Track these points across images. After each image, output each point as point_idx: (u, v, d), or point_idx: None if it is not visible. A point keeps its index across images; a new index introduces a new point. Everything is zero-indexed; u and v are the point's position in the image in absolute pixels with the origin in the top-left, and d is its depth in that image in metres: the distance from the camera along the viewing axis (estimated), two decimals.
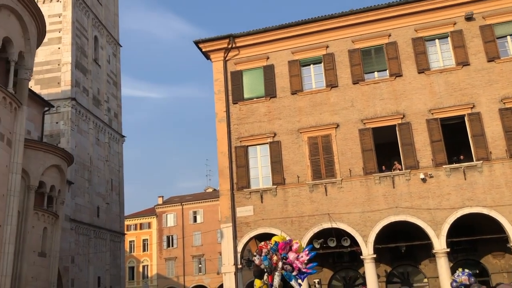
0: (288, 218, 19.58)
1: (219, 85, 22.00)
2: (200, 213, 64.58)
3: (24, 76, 19.91)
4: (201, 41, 22.35)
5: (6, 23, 18.18)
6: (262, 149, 20.78)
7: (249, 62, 21.99)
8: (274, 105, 21.09)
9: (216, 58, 22.42)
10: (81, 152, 33.39)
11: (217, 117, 21.67)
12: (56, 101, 32.12)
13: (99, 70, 38.50)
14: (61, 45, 34.03)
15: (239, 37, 21.97)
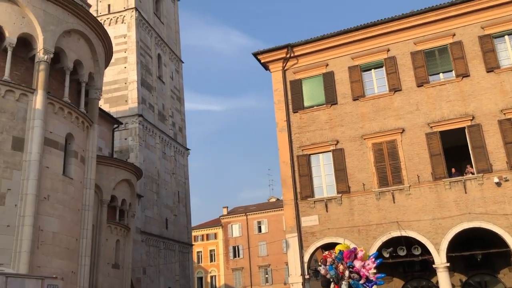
0: (355, 227, 19.17)
1: (278, 95, 22.06)
2: (264, 223, 64.77)
3: (94, 96, 21.00)
4: (260, 53, 22.56)
5: (76, 46, 19.30)
6: (325, 157, 20.54)
7: (308, 70, 21.90)
8: (335, 112, 20.83)
9: (275, 68, 22.53)
10: (149, 166, 34.60)
11: (277, 126, 21.71)
12: (124, 118, 33.59)
13: (163, 87, 39.87)
14: (127, 65, 35.60)
15: (297, 46, 21.95)
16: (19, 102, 16.68)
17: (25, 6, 17.27)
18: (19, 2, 17.18)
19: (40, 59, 17.40)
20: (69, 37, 18.88)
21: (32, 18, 17.39)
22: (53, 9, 18.17)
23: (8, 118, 16.32)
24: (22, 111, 16.70)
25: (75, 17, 19.06)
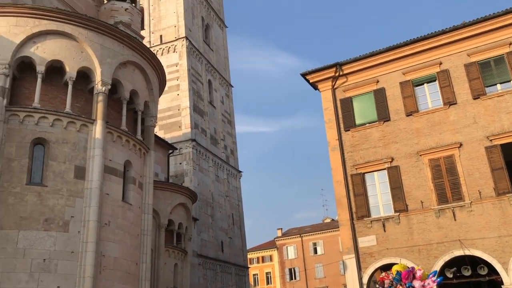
0: (414, 247, 18.55)
1: (329, 114, 21.97)
2: (320, 244, 63.81)
3: (150, 124, 21.72)
4: (308, 73, 22.64)
5: (132, 77, 20.12)
6: (380, 176, 20.13)
7: (358, 87, 21.72)
8: (388, 128, 20.46)
9: (324, 87, 22.50)
10: (203, 190, 35.17)
11: (329, 145, 21.56)
12: (178, 143, 34.48)
13: (214, 111, 40.68)
14: (180, 92, 36.69)
15: (345, 65, 21.87)
16: (80, 133, 17.51)
17: (83, 41, 18.24)
18: (78, 38, 18.18)
19: (99, 90, 18.25)
20: (125, 68, 19.72)
21: (90, 52, 18.33)
22: (110, 42, 19.09)
23: (70, 148, 17.14)
24: (83, 141, 17.50)
25: (130, 49, 19.92)
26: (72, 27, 18.10)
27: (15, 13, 17.56)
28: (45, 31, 17.66)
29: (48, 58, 17.50)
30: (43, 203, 16.04)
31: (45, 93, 17.56)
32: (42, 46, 17.56)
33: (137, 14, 25.84)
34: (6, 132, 16.37)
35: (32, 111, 16.79)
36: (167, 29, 39.32)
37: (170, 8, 39.76)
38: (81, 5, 24.18)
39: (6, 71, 16.76)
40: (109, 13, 24.70)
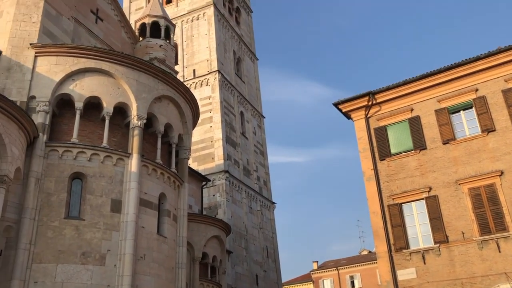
0: (457, 280, 17.78)
1: (363, 143, 21.69)
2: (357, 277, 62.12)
3: (184, 156, 21.97)
4: (340, 102, 22.53)
5: (166, 111, 20.52)
6: (418, 206, 19.57)
7: (392, 116, 21.44)
8: (425, 157, 20.00)
9: (357, 116, 22.31)
10: (236, 222, 35.01)
11: (364, 175, 21.19)
12: (212, 175, 34.65)
13: (246, 142, 40.88)
14: (213, 124, 37.12)
15: (378, 93, 21.68)
16: (116, 167, 17.83)
17: (120, 77, 18.79)
18: (115, 75, 18.75)
19: (134, 125, 18.65)
20: (159, 102, 20.15)
21: (127, 88, 18.84)
22: (145, 78, 19.60)
23: (107, 182, 17.45)
24: (119, 175, 17.81)
25: (164, 84, 20.39)
26: (109, 64, 18.71)
27: (55, 53, 18.33)
28: (83, 68, 18.32)
29: (86, 94, 18.08)
30: (80, 237, 16.28)
31: (83, 128, 18.07)
32: (81, 83, 18.18)
33: (171, 50, 26.56)
34: (46, 167, 16.85)
35: (71, 146, 17.26)
36: (200, 63, 40.17)
37: (202, 43, 40.72)
38: (118, 43, 25.04)
39: (46, 108, 17.38)
40: (144, 50, 25.48)
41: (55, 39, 19.51)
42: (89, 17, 23.37)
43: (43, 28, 19.07)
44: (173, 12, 42.82)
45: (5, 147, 14.78)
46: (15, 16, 18.87)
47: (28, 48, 18.30)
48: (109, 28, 24.78)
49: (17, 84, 17.62)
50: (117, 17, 25.80)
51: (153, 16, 26.43)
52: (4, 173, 14.68)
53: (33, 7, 19.17)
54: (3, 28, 18.80)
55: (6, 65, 17.91)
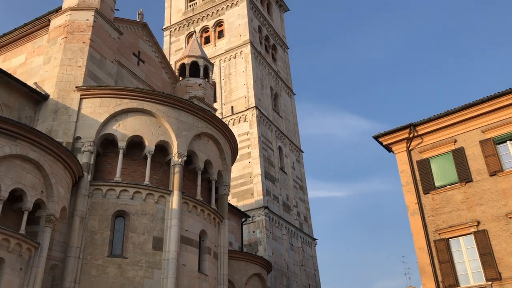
0: None
1: (406, 177, 21.17)
2: None
3: (224, 192, 22.03)
4: (381, 135, 22.22)
5: (206, 148, 20.76)
6: (467, 241, 18.76)
7: (435, 148, 20.92)
8: (471, 190, 19.30)
9: (399, 149, 21.89)
10: (277, 259, 34.48)
11: (408, 210, 20.58)
12: (251, 211, 34.48)
13: (285, 177, 40.67)
14: (251, 159, 37.22)
15: (419, 125, 21.27)
16: (158, 204, 18.04)
17: (161, 116, 19.24)
18: (156, 114, 19.22)
19: (175, 162, 18.93)
20: (199, 140, 20.44)
21: (167, 127, 19.25)
22: (185, 116, 19.99)
23: (149, 220, 17.63)
24: (161, 212, 17.98)
25: (204, 121, 20.72)
26: (150, 104, 19.24)
27: (99, 95, 19.03)
28: (126, 109, 18.90)
29: (129, 134, 18.56)
30: (123, 275, 16.39)
31: (126, 167, 18.48)
32: (124, 123, 18.72)
33: (209, 88, 27.13)
34: (90, 206, 17.24)
35: (114, 185, 17.64)
36: (237, 100, 40.75)
37: (240, 81, 41.41)
38: (158, 83, 25.81)
39: (91, 148, 17.93)
40: (184, 89, 26.14)
41: (99, 82, 20.29)
42: (131, 59, 24.28)
43: (88, 71, 19.90)
44: (211, 51, 43.93)
45: (51, 187, 15.26)
46: (62, 61, 19.80)
47: (74, 91, 19.08)
48: (150, 69, 25.62)
49: (64, 125, 18.31)
50: (158, 59, 26.69)
51: (192, 56, 27.20)
52: (50, 213, 15.10)
53: (79, 52, 20.09)
54: (51, 73, 19.73)
55: (53, 107, 18.70)
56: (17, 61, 21.91)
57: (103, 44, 21.22)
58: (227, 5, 45.93)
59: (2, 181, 13.94)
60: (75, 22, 20.78)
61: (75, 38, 20.38)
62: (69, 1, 21.66)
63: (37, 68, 20.63)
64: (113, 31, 22.12)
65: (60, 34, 20.67)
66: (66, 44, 20.19)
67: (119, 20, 23.77)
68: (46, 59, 20.37)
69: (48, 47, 20.75)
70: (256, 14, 46.64)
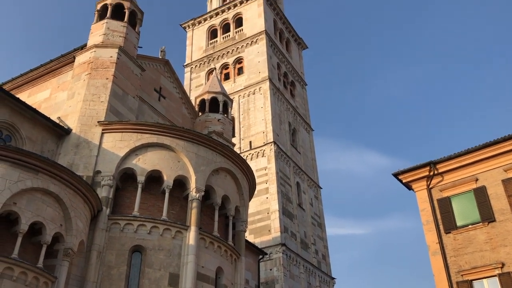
0: None
1: (426, 215, 20.76)
2: None
3: (241, 228, 21.85)
4: (400, 173, 21.94)
5: (223, 183, 20.77)
6: (491, 283, 18.12)
7: (456, 187, 20.53)
8: (494, 230, 18.79)
9: (419, 187, 21.56)
10: None
11: (429, 250, 20.08)
12: (268, 248, 34.02)
13: (303, 214, 40.25)
14: (269, 195, 37.03)
15: (440, 163, 20.98)
16: (174, 240, 17.96)
17: (180, 151, 19.41)
18: (175, 149, 19.40)
19: (193, 197, 18.94)
20: (217, 175, 20.47)
21: (186, 161, 19.37)
22: (204, 151, 20.12)
23: (165, 255, 17.53)
24: (177, 248, 17.87)
25: (222, 156, 20.81)
26: (170, 139, 19.46)
27: (120, 129, 19.35)
28: (146, 144, 19.13)
29: (148, 168, 18.72)
30: None
31: (144, 201, 18.54)
32: (143, 157, 18.91)
33: (228, 123, 27.38)
34: (107, 240, 17.25)
35: (132, 219, 17.68)
36: (256, 135, 40.95)
37: (258, 116, 41.73)
38: (179, 118, 26.16)
39: (110, 182, 18.10)
40: (204, 124, 26.43)
41: (121, 117, 20.66)
42: (152, 95, 24.76)
43: (110, 106, 20.31)
44: (231, 87, 44.56)
45: (71, 220, 15.36)
46: (85, 96, 20.29)
47: (95, 125, 19.44)
48: (170, 105, 26.04)
49: (84, 159, 18.58)
50: (178, 95, 27.16)
51: (212, 92, 27.63)
52: (69, 246, 15.15)
53: (102, 88, 20.58)
54: (74, 108, 20.20)
55: (75, 142, 19.04)
56: (42, 96, 22.52)
57: (126, 80, 21.72)
58: (247, 43, 46.85)
59: (23, 214, 14.11)
60: (99, 59, 21.38)
61: (98, 74, 20.92)
62: (94, 38, 22.36)
63: (61, 103, 21.15)
64: (135, 67, 22.67)
65: (84, 70, 21.26)
66: (90, 80, 20.72)
67: (142, 57, 24.38)
68: (70, 94, 20.90)
69: (72, 82, 21.32)
70: (275, 51, 47.41)
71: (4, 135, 18.10)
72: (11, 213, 14.13)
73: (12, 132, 18.21)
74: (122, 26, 22.81)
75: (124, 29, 22.73)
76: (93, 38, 22.49)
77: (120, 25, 22.79)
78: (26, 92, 23.26)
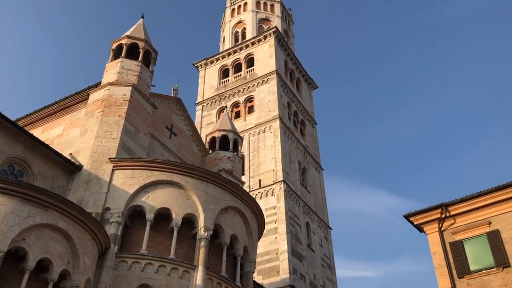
0: None
1: (438, 259, 20.31)
2: None
3: (249, 269, 21.49)
4: (411, 215, 21.65)
5: (232, 222, 20.60)
6: None
7: (469, 230, 20.15)
8: (509, 276, 18.27)
9: (430, 230, 21.19)
10: None
11: None
12: None
13: (313, 255, 39.58)
14: (278, 235, 36.56)
15: (452, 205, 20.67)
16: (182, 279, 17.69)
17: (190, 189, 19.39)
18: (185, 186, 19.39)
19: (201, 236, 18.76)
20: (226, 213, 20.34)
21: (195, 199, 19.31)
22: (213, 189, 20.08)
23: None
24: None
25: (231, 194, 20.73)
26: (180, 176, 19.49)
27: (131, 166, 19.45)
28: (156, 181, 19.16)
29: (157, 206, 18.67)
30: None
31: (152, 239, 18.40)
32: (153, 195, 18.91)
33: (238, 161, 27.43)
34: (114, 278, 17.04)
35: (140, 257, 17.50)
36: (265, 173, 40.86)
37: (268, 155, 41.77)
38: (189, 156, 26.28)
39: (119, 219, 18.05)
40: (213, 162, 26.51)
41: (132, 154, 20.81)
42: (164, 132, 24.99)
43: (122, 143, 20.50)
44: (241, 125, 44.86)
45: (78, 257, 15.26)
46: (97, 133, 20.53)
47: (106, 162, 19.57)
48: (181, 142, 26.22)
49: (94, 196, 18.61)
50: (189, 132, 27.39)
51: (223, 130, 27.84)
52: (75, 284, 14.98)
53: (114, 125, 20.84)
54: (86, 144, 20.41)
55: (86, 178, 19.14)
56: (55, 132, 22.82)
57: (138, 117, 22.01)
58: (257, 82, 47.48)
59: (31, 250, 14.06)
60: (112, 97, 21.75)
61: (111, 112, 21.23)
62: (109, 77, 22.83)
63: (73, 139, 21.39)
64: (148, 105, 23.00)
65: (98, 107, 21.60)
66: (103, 117, 21.02)
67: (154, 95, 24.77)
68: (83, 131, 21.16)
69: (85, 119, 21.63)
70: (286, 91, 47.93)
71: (16, 171, 18.27)
72: (19, 249, 14.08)
73: (24, 168, 18.39)
74: (136, 65, 23.31)
75: (138, 68, 23.22)
76: (107, 76, 22.96)
77: (134, 64, 23.30)
78: (39, 128, 23.60)
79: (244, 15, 56.90)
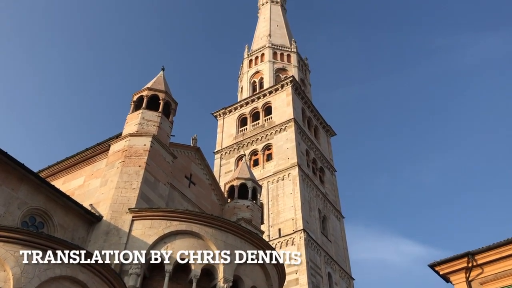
0: None
1: None
2: None
3: None
4: (437, 264, 20.92)
5: (252, 273, 20.16)
6: None
7: (498, 280, 19.33)
8: None
9: (457, 280, 20.38)
10: None
11: None
12: None
13: None
14: (299, 286, 35.69)
15: (478, 254, 19.98)
16: None
17: (209, 239, 19.18)
18: (204, 236, 19.20)
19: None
20: (246, 264, 19.97)
21: (214, 250, 19.06)
22: (232, 239, 19.82)
23: None
24: None
25: (250, 244, 20.43)
26: (199, 226, 19.34)
27: (150, 216, 19.42)
28: (175, 231, 19.03)
29: (176, 257, 18.44)
30: None
31: None
32: (172, 245, 18.73)
33: (257, 210, 27.20)
34: None
35: None
36: (285, 222, 40.40)
37: (287, 203, 41.44)
38: (208, 205, 26.20)
39: (138, 271, 17.83)
40: (232, 211, 26.34)
41: (151, 204, 20.84)
42: (183, 181, 25.07)
43: (142, 193, 20.58)
44: (260, 173, 44.85)
45: None
46: (117, 183, 20.69)
47: (126, 212, 19.60)
48: (200, 191, 26.22)
49: (113, 247, 18.51)
50: (208, 181, 27.42)
51: (242, 178, 27.81)
52: None
53: (135, 175, 21.03)
54: (106, 195, 20.55)
55: (106, 229, 19.14)
56: (76, 183, 23.09)
57: (158, 167, 22.19)
58: (275, 130, 47.86)
59: None
60: (133, 147, 22.07)
61: (132, 162, 21.48)
62: (129, 128, 23.26)
63: (93, 190, 21.59)
64: (168, 155, 23.24)
65: (118, 158, 21.89)
66: (123, 168, 21.25)
67: (174, 145, 25.06)
68: (103, 182, 21.37)
69: (106, 170, 21.88)
70: (304, 138, 48.10)
71: (37, 222, 18.39)
72: None
73: (45, 219, 18.51)
74: (156, 115, 23.76)
75: (158, 119, 23.64)
76: (128, 127, 23.40)
77: (154, 115, 23.75)
78: (61, 179, 23.92)
79: (262, 65, 58.17)
